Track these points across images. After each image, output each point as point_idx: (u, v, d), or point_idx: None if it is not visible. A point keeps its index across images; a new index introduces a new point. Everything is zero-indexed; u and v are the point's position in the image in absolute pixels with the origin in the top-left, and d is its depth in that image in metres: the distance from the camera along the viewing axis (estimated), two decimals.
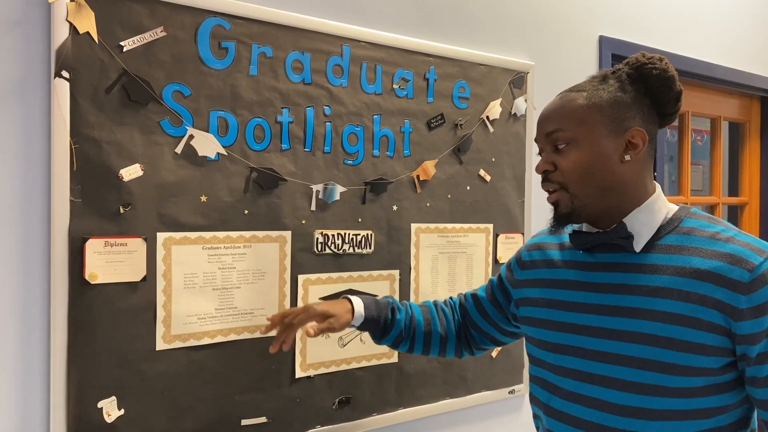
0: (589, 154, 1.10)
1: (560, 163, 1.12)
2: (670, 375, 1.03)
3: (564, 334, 1.16)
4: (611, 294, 1.11)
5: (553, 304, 1.20)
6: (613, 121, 1.10)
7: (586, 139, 1.10)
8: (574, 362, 1.14)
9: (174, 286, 1.41)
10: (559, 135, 1.12)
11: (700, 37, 2.73)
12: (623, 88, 1.11)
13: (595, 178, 1.10)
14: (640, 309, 1.07)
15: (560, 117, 1.13)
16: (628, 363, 1.07)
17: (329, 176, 1.63)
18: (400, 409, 1.78)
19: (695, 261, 1.05)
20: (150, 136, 1.38)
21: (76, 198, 1.30)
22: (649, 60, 1.11)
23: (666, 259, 1.08)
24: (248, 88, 1.50)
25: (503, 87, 1.98)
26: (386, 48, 1.72)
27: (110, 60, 1.33)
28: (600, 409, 1.10)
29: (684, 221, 1.11)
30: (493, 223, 1.97)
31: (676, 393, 1.03)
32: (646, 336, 1.05)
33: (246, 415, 1.52)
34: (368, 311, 1.36)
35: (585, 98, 1.11)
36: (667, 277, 1.06)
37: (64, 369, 1.29)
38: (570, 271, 1.19)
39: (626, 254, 1.12)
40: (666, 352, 1.03)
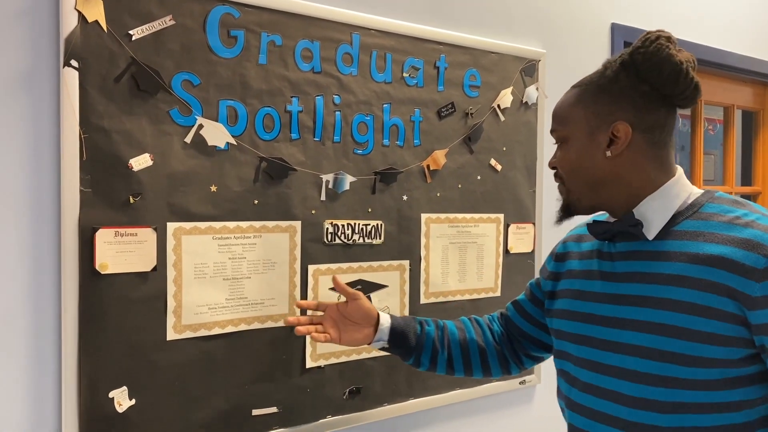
0: (575, 152, 1.13)
1: (558, 159, 1.17)
2: (679, 365, 1.00)
3: (582, 325, 1.16)
4: (624, 283, 1.10)
5: (575, 295, 1.20)
6: (597, 116, 1.10)
7: (572, 137, 1.14)
8: (590, 353, 1.13)
9: (184, 276, 1.41)
10: (555, 134, 1.18)
11: (713, 23, 2.69)
12: (616, 77, 1.10)
13: (582, 174, 1.13)
14: (651, 298, 1.05)
15: (555, 116, 1.18)
16: (638, 353, 1.05)
17: (339, 166, 1.62)
18: (410, 399, 1.77)
19: (709, 247, 1.01)
20: (159, 126, 1.37)
21: (86, 188, 1.29)
22: (642, 43, 1.08)
23: (681, 245, 1.05)
24: (257, 77, 1.49)
25: (514, 75, 1.96)
26: (396, 36, 1.71)
27: (119, 49, 1.32)
28: (614, 400, 1.08)
29: (704, 206, 1.08)
30: (503, 213, 1.96)
31: (687, 384, 1.00)
32: (656, 325, 1.03)
33: (257, 405, 1.52)
34: (394, 320, 1.36)
35: (576, 96, 1.14)
36: (681, 264, 1.03)
37: (75, 359, 1.29)
38: (593, 261, 1.19)
39: (642, 242, 1.10)
40: (675, 341, 1.01)
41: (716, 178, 3.87)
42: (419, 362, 1.38)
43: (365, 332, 1.35)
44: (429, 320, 1.40)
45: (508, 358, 1.41)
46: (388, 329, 1.35)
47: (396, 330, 1.35)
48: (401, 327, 1.36)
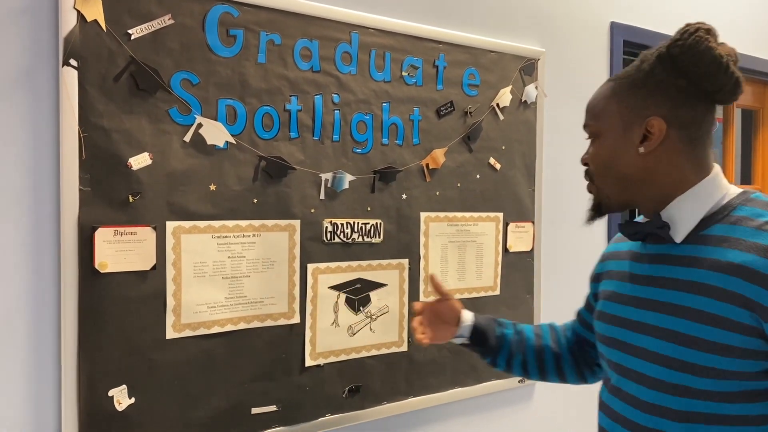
0: (606, 148, 1.09)
1: (590, 156, 1.14)
2: (692, 375, 0.97)
3: (612, 327, 1.14)
4: (648, 287, 1.07)
5: (610, 297, 1.17)
6: (631, 111, 1.06)
7: (604, 132, 1.09)
8: (616, 355, 1.11)
9: (183, 275, 1.41)
10: (588, 129, 1.14)
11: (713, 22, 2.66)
12: (652, 71, 1.05)
13: (613, 170, 1.09)
14: (670, 304, 1.02)
15: (589, 111, 1.14)
16: (655, 360, 1.02)
17: (338, 165, 1.62)
18: (409, 397, 1.78)
19: (732, 254, 0.96)
20: (158, 125, 1.37)
21: (85, 187, 1.29)
22: (680, 35, 1.03)
23: (706, 251, 1.00)
24: (256, 76, 1.49)
25: (513, 74, 1.96)
26: (395, 35, 1.71)
27: (118, 48, 1.32)
28: (632, 405, 1.06)
29: (737, 209, 1.01)
30: (503, 211, 1.96)
31: (703, 395, 0.96)
32: (674, 333, 1.00)
33: (256, 403, 1.52)
34: (476, 319, 1.38)
35: (611, 89, 1.10)
36: (702, 271, 0.99)
37: (74, 358, 1.30)
38: (626, 263, 1.16)
39: (671, 246, 1.06)
40: (690, 351, 0.97)
41: None
42: (495, 363, 1.39)
43: (451, 329, 1.38)
44: (507, 323, 1.40)
45: (582, 366, 1.38)
46: (470, 327, 1.37)
47: (477, 329, 1.37)
48: (482, 326, 1.37)
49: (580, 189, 2.21)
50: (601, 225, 2.29)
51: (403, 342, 1.76)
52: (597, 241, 2.28)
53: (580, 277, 2.23)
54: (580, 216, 2.22)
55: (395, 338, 1.74)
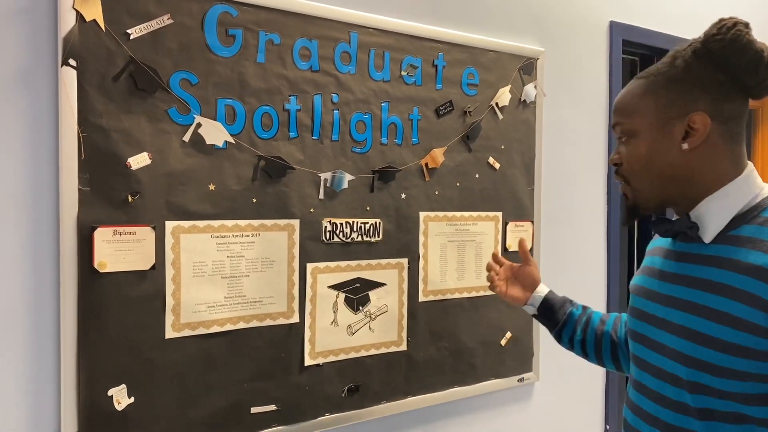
0: (645, 146, 1.05)
1: (623, 155, 1.10)
2: (710, 375, 0.97)
3: (637, 321, 1.15)
4: (674, 284, 1.07)
5: (639, 291, 1.17)
6: (670, 107, 1.03)
7: (641, 130, 1.06)
8: (641, 350, 1.12)
9: (183, 274, 1.41)
10: (620, 128, 1.09)
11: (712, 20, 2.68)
12: (689, 67, 1.03)
13: (653, 170, 1.05)
14: (691, 303, 1.01)
15: (621, 109, 1.10)
16: (675, 357, 1.02)
17: (337, 164, 1.62)
18: (409, 397, 1.78)
19: (755, 256, 0.95)
20: (157, 125, 1.37)
21: (85, 187, 1.30)
22: (718, 30, 1.02)
23: (731, 252, 0.98)
24: (256, 75, 1.49)
25: (513, 73, 1.96)
26: (394, 34, 1.71)
27: (117, 48, 1.32)
28: (654, 401, 1.07)
29: (766, 210, 1.00)
30: (502, 211, 1.96)
31: (719, 395, 0.96)
32: (693, 332, 1.00)
33: (255, 402, 1.52)
34: (550, 293, 1.46)
35: (644, 86, 1.07)
36: (724, 271, 0.98)
37: (74, 357, 1.30)
38: (657, 259, 1.16)
39: (700, 245, 1.04)
40: (708, 351, 0.97)
41: None
42: (560, 337, 1.44)
43: (525, 294, 1.48)
44: (579, 304, 1.46)
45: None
46: (541, 298, 1.45)
47: (548, 302, 1.45)
48: (552, 300, 1.45)
49: (580, 188, 2.22)
50: (600, 224, 2.29)
51: (402, 341, 1.76)
52: (596, 240, 2.29)
53: (579, 275, 2.24)
54: (580, 215, 2.23)
55: (394, 337, 1.74)
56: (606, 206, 2.31)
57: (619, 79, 2.32)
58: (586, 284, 2.25)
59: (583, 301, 2.23)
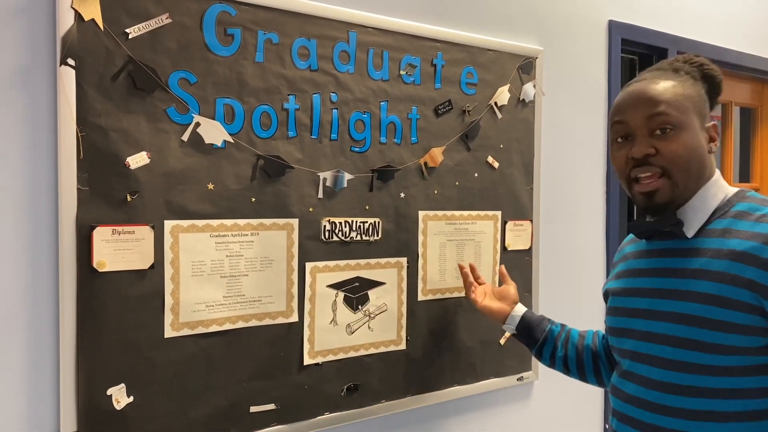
0: (692, 142, 1.12)
1: (664, 147, 1.12)
2: (702, 353, 1.07)
3: (622, 318, 1.23)
4: (659, 278, 1.17)
5: (618, 292, 1.27)
6: (700, 112, 1.15)
7: (689, 126, 1.12)
8: (629, 343, 1.21)
9: (182, 273, 1.41)
10: (663, 119, 1.12)
11: (711, 20, 2.69)
12: (696, 84, 1.17)
13: (695, 165, 1.13)
14: (679, 290, 1.12)
15: (664, 101, 1.12)
16: (668, 342, 1.12)
17: (336, 164, 1.62)
18: (408, 396, 1.78)
19: (733, 243, 1.08)
20: (156, 124, 1.37)
21: (83, 186, 1.30)
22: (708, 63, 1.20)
23: (710, 242, 1.11)
24: (254, 75, 1.49)
25: (512, 73, 1.96)
26: (393, 33, 1.71)
27: (116, 47, 1.32)
28: (644, 385, 1.16)
29: (735, 205, 1.14)
30: (501, 210, 1.96)
31: (710, 371, 1.06)
32: (682, 316, 1.10)
33: (255, 402, 1.52)
34: (528, 313, 1.56)
35: (681, 87, 1.14)
36: (706, 259, 1.10)
37: (73, 357, 1.30)
38: (634, 261, 1.26)
39: (679, 240, 1.16)
40: (698, 330, 1.07)
41: None
42: (541, 354, 1.53)
43: (501, 307, 1.59)
44: (556, 322, 1.55)
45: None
46: (519, 317, 1.55)
47: (525, 320, 1.55)
48: (530, 319, 1.54)
49: (579, 187, 2.22)
50: (599, 223, 2.30)
51: (402, 340, 1.76)
52: (595, 239, 2.29)
53: (578, 275, 2.24)
54: (579, 214, 2.23)
55: (394, 336, 1.74)
56: (605, 205, 2.31)
57: (618, 78, 2.32)
58: (585, 283, 2.25)
59: (582, 300, 2.23)
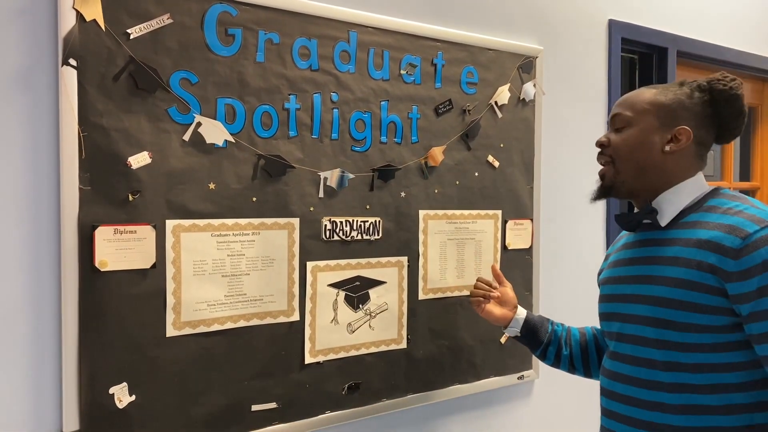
0: (637, 136, 1.30)
1: (613, 139, 1.34)
2: (674, 331, 1.21)
3: (609, 304, 1.37)
4: (640, 265, 1.31)
5: (607, 281, 1.40)
6: (666, 116, 1.29)
7: (639, 123, 1.31)
8: (614, 326, 1.34)
9: (183, 273, 1.42)
10: (619, 118, 1.34)
11: (711, 19, 2.70)
12: (691, 95, 1.30)
13: (637, 157, 1.30)
14: (654, 276, 1.26)
15: (626, 103, 1.34)
16: (645, 322, 1.26)
17: (337, 163, 1.63)
18: (408, 394, 1.78)
19: (701, 233, 1.22)
20: (158, 124, 1.38)
21: (85, 186, 1.30)
22: (722, 77, 1.30)
23: (682, 233, 1.26)
24: (255, 74, 1.50)
25: (512, 72, 1.96)
26: (393, 33, 1.71)
27: (117, 47, 1.33)
28: (629, 363, 1.29)
29: (708, 201, 1.28)
30: (501, 209, 1.97)
31: (682, 348, 1.20)
32: (657, 298, 1.24)
33: (256, 400, 1.53)
34: (529, 314, 1.61)
35: (653, 94, 1.32)
36: (678, 247, 1.24)
37: (75, 356, 1.30)
38: (623, 251, 1.40)
39: (656, 231, 1.31)
40: (667, 311, 1.21)
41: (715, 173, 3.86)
42: (545, 355, 1.59)
43: (504, 313, 1.62)
44: (558, 322, 1.61)
45: None
46: (523, 320, 1.60)
47: (529, 323, 1.60)
48: (532, 321, 1.60)
49: (579, 186, 2.22)
50: (599, 222, 2.30)
51: (402, 339, 1.77)
52: (595, 238, 2.29)
53: (578, 274, 2.24)
54: (579, 213, 2.23)
55: (394, 335, 1.75)
56: (605, 204, 2.32)
57: (618, 77, 2.32)
58: (586, 282, 2.26)
59: (582, 299, 2.24)
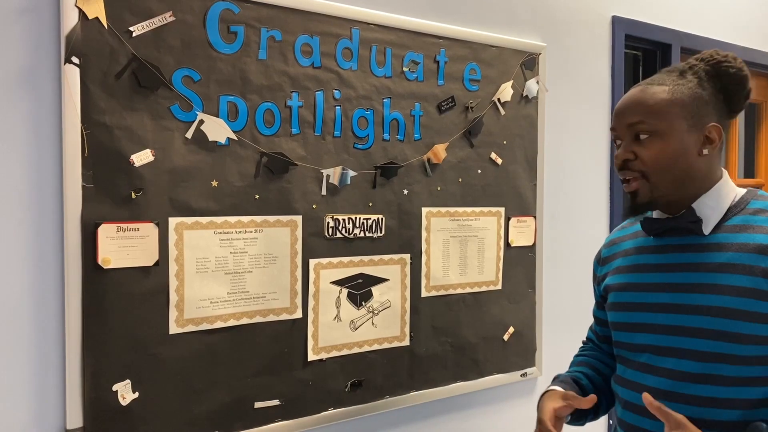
0: (672, 147, 1.15)
1: (641, 153, 1.17)
2: (736, 344, 1.09)
3: (635, 313, 1.23)
4: (680, 272, 1.18)
5: (627, 287, 1.26)
6: (693, 116, 1.16)
7: (669, 132, 1.15)
8: (646, 338, 1.21)
9: (186, 270, 1.42)
10: (642, 127, 1.17)
11: (715, 15, 2.68)
12: (701, 84, 1.17)
13: (676, 169, 1.16)
14: (707, 284, 1.14)
15: (643, 109, 1.17)
16: (698, 334, 1.13)
17: (339, 160, 1.63)
18: (411, 392, 1.78)
19: (759, 237, 1.12)
20: (160, 122, 1.38)
21: (88, 184, 1.30)
22: (724, 58, 1.19)
23: (731, 237, 1.15)
24: (257, 72, 1.50)
25: (514, 69, 1.96)
26: (396, 30, 1.71)
27: (120, 45, 1.33)
28: (672, 378, 1.16)
29: (751, 203, 1.18)
30: (504, 206, 1.96)
31: (744, 361, 1.09)
32: (713, 308, 1.12)
33: (259, 397, 1.53)
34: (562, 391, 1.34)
35: (667, 93, 1.17)
36: (732, 253, 1.13)
37: (78, 353, 1.31)
38: (641, 256, 1.26)
39: (695, 236, 1.19)
40: (732, 322, 1.09)
41: None
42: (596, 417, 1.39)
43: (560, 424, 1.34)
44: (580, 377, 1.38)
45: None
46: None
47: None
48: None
49: (582, 183, 2.22)
50: (602, 219, 2.29)
51: (405, 336, 1.77)
52: (598, 235, 2.29)
53: (581, 271, 2.24)
54: (582, 210, 2.23)
55: (397, 333, 1.75)
56: (608, 201, 2.31)
57: (621, 74, 2.32)
58: (589, 279, 2.25)
59: (586, 296, 2.23)
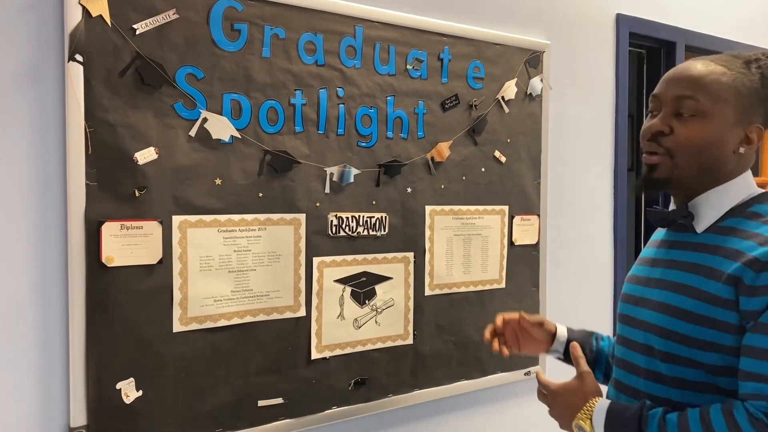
0: (712, 134, 1.07)
1: (679, 130, 1.08)
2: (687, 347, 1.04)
3: (626, 305, 1.21)
4: (662, 269, 1.14)
5: (632, 280, 1.23)
6: (744, 110, 1.07)
7: (716, 118, 1.07)
8: (625, 330, 1.19)
9: (190, 268, 1.42)
10: (690, 103, 1.08)
11: (720, 13, 2.67)
12: (763, 82, 1.09)
13: (707, 156, 1.07)
14: (674, 282, 1.09)
15: (698, 84, 1.08)
16: (655, 331, 1.09)
17: (343, 159, 1.63)
18: (415, 390, 1.78)
19: (733, 241, 1.04)
20: (164, 120, 1.38)
21: (92, 182, 1.30)
22: None
23: (718, 239, 1.07)
24: (261, 70, 1.49)
25: (519, 67, 1.95)
26: (400, 28, 1.70)
27: (123, 43, 1.32)
28: (634, 373, 1.14)
29: (753, 206, 1.08)
30: (508, 204, 1.96)
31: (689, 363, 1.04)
32: (669, 307, 1.07)
33: (263, 396, 1.53)
34: (570, 334, 1.38)
35: (730, 78, 1.08)
36: (706, 254, 1.07)
37: (82, 351, 1.31)
38: (648, 249, 1.23)
39: (691, 234, 1.12)
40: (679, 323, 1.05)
41: None
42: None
43: (542, 345, 1.40)
44: (604, 336, 1.40)
45: None
46: (564, 343, 1.38)
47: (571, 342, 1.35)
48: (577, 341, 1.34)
49: (586, 181, 2.21)
50: (606, 217, 2.29)
51: (409, 335, 1.76)
52: (602, 233, 2.28)
53: (585, 269, 2.23)
54: (586, 208, 2.22)
55: (401, 331, 1.75)
56: (612, 199, 2.30)
57: (625, 71, 2.31)
58: (593, 278, 2.25)
59: (590, 295, 2.23)
